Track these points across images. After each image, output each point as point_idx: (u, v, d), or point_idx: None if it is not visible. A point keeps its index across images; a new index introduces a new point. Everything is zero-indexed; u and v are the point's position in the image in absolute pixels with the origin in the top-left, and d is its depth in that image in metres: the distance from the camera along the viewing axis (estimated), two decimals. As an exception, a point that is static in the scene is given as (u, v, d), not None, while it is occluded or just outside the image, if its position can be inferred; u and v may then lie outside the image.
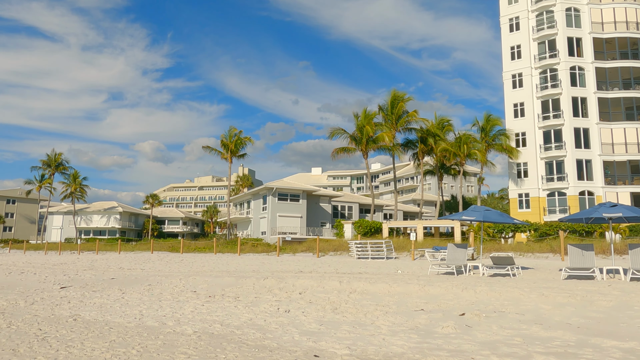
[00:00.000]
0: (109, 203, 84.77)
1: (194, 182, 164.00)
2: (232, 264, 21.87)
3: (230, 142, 56.05)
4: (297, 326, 7.73)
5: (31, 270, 19.18)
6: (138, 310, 9.51)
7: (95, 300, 11.07)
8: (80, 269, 20.18)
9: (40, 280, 15.85)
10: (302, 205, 55.91)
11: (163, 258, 27.07)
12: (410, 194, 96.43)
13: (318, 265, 20.77)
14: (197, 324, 7.98)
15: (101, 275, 16.44)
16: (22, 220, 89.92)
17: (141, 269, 19.40)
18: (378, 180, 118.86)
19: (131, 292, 12.17)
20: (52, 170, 74.68)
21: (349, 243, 26.67)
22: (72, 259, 28.88)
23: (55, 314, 9.40)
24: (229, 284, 12.18)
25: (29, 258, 31.47)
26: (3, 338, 7.11)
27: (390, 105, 47.78)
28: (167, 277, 14.49)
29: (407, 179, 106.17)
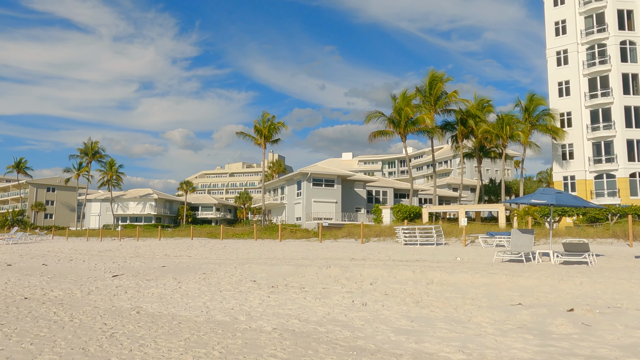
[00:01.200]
0: (145, 190, 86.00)
1: (224, 169, 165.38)
2: (276, 251, 21.28)
3: (264, 127, 55.49)
4: (384, 322, 6.91)
5: (79, 258, 19.04)
6: (202, 302, 8.89)
7: (152, 290, 10.54)
8: (126, 256, 19.97)
9: (90, 268, 15.57)
10: (336, 190, 55.10)
11: (205, 244, 26.76)
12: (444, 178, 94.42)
13: (367, 251, 19.95)
14: (272, 319, 7.26)
15: (150, 263, 16.07)
16: (61, 208, 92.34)
17: (187, 256, 19.01)
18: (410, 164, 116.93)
19: (187, 281, 11.62)
20: (89, 158, 75.99)
21: (395, 228, 25.74)
22: (114, 245, 28.94)
23: (116, 305, 8.87)
24: (290, 273, 11.50)
25: (72, 245, 31.79)
26: (69, 334, 6.55)
27: (429, 86, 46.11)
28: (219, 265, 13.94)
29: (441, 163, 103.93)
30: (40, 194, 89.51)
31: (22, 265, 17.27)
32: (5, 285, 12.18)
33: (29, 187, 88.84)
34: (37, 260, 18.70)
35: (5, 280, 12.99)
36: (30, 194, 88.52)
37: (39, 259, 19.18)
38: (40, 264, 17.16)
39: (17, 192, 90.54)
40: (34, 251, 24.58)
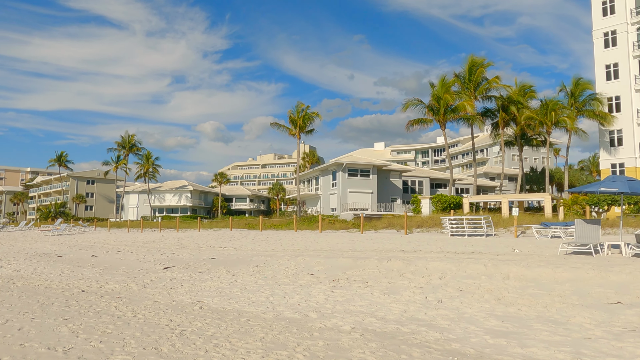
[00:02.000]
0: (180, 182, 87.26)
1: (256, 160, 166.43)
2: (320, 242, 20.85)
3: (298, 117, 55.05)
4: (471, 322, 6.31)
5: (126, 249, 19.11)
6: (264, 297, 8.48)
7: (208, 283, 10.22)
8: (171, 247, 19.94)
9: (140, 259, 15.50)
10: (372, 180, 54.30)
11: (246, 236, 26.61)
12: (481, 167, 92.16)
13: (414, 243, 19.27)
14: (346, 317, 6.76)
15: (198, 255, 15.89)
16: (101, 200, 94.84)
17: (233, 247, 18.80)
18: (444, 154, 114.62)
19: (241, 274, 11.28)
20: (127, 151, 77.44)
21: (442, 219, 24.88)
22: (157, 236, 29.16)
23: (176, 300, 8.56)
24: (348, 266, 11.01)
25: (115, 236, 32.27)
26: (136, 331, 6.22)
27: (468, 72, 44.55)
28: (270, 258, 13.59)
29: (477, 152, 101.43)
30: (81, 187, 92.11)
31: (72, 256, 17.40)
32: (60, 277, 12.14)
33: (70, 180, 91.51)
34: (85, 252, 18.85)
35: (59, 272, 12.98)
36: (72, 187, 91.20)
37: (87, 251, 19.34)
38: (90, 256, 17.24)
39: (59, 185, 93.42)
40: (80, 242, 24.95)
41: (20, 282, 11.26)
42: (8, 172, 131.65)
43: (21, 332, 6.40)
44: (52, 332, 6.33)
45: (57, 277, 12.17)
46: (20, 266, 14.71)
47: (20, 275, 12.60)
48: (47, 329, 6.50)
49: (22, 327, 6.63)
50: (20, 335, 6.23)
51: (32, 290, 10.06)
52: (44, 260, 16.36)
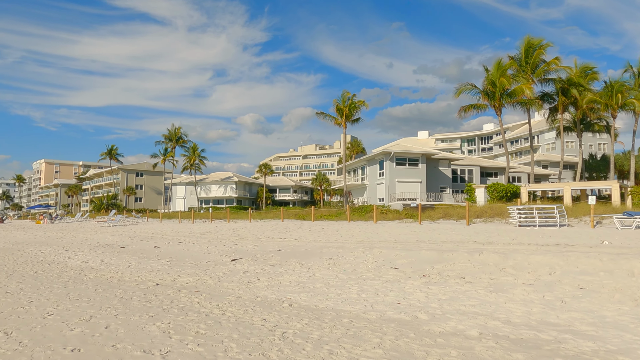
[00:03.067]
0: (225, 173, 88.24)
1: (297, 151, 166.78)
2: (381, 233, 19.99)
3: (344, 106, 54.03)
4: (620, 328, 5.36)
5: (186, 240, 18.92)
6: (355, 294, 7.76)
7: (285, 277, 9.60)
8: (230, 238, 19.62)
9: (203, 250, 15.16)
10: (421, 169, 52.81)
11: (300, 226, 26.08)
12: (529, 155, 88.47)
13: (483, 233, 18.09)
14: (463, 320, 5.93)
15: (262, 246, 15.40)
16: (149, 192, 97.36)
17: (293, 238, 18.26)
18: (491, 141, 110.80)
19: (316, 267, 10.62)
20: (173, 144, 78.77)
21: (509, 209, 23.48)
22: (210, 227, 29.11)
23: (259, 295, 7.96)
24: (434, 260, 10.15)
25: (170, 227, 32.55)
26: (233, 332, 5.62)
27: (524, 55, 42.17)
28: (341, 249, 12.90)
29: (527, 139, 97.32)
30: (130, 179, 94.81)
31: (135, 247, 17.32)
32: (129, 269, 11.88)
33: (120, 173, 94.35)
34: (147, 243, 18.78)
35: (127, 264, 12.75)
36: (122, 179, 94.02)
37: (148, 242, 19.29)
38: (152, 247, 17.11)
39: (110, 178, 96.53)
40: (138, 233, 25.14)
41: (92, 274, 11.04)
42: (62, 166, 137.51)
43: (109, 330, 5.94)
44: (142, 332, 5.83)
45: (127, 268, 11.91)
46: (87, 257, 14.66)
47: (89, 267, 12.45)
48: (136, 328, 6.01)
49: (109, 325, 6.18)
50: (108, 334, 5.76)
51: (106, 283, 9.76)
52: (108, 251, 16.32)
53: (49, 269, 12.15)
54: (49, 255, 15.47)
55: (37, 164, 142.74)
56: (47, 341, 5.62)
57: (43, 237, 24.92)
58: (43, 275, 11.15)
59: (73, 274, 11.27)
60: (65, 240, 22.37)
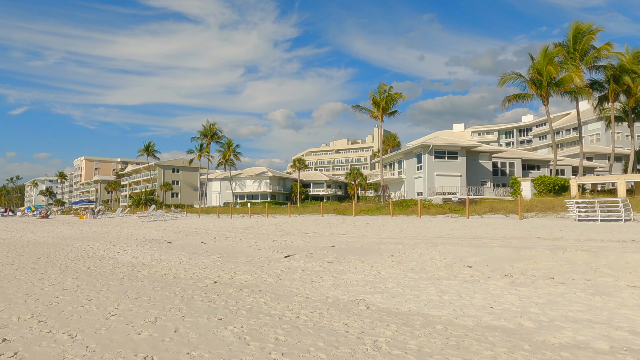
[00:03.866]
0: (260, 169, 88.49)
1: (329, 146, 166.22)
2: (432, 228, 19.15)
3: (380, 99, 52.96)
4: None
5: (232, 235, 18.58)
6: (435, 296, 7.06)
7: (349, 275, 8.98)
8: (275, 233, 19.18)
9: (252, 246, 14.72)
10: (461, 162, 51.30)
11: (342, 221, 25.44)
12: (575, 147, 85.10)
13: (543, 229, 16.99)
14: (579, 329, 5.16)
15: (312, 242, 14.85)
16: (185, 187, 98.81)
17: (341, 233, 17.66)
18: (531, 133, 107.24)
19: (379, 264, 9.96)
20: (209, 140, 79.44)
21: (567, 202, 22.17)
22: (251, 222, 28.85)
23: (328, 295, 7.36)
24: (511, 257, 9.33)
25: (210, 221, 32.52)
26: (318, 340, 5.02)
27: (572, 41, 40.11)
28: (401, 246, 12.22)
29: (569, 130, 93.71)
30: (167, 175, 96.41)
31: (182, 243, 17.08)
32: (181, 265, 11.52)
33: (157, 169, 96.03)
34: (192, 238, 18.55)
35: (178, 260, 12.41)
36: (159, 175, 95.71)
37: (194, 237, 19.06)
38: (199, 242, 16.82)
39: (148, 174, 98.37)
40: (182, 228, 25.08)
41: (145, 271, 10.72)
42: (101, 162, 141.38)
43: (179, 335, 5.45)
44: (215, 337, 5.31)
45: (179, 265, 11.56)
46: (135, 253, 14.45)
47: (140, 263, 12.17)
48: (207, 332, 5.50)
49: (177, 329, 5.70)
50: (180, 340, 5.26)
51: (161, 281, 9.38)
52: (156, 246, 16.11)
53: (100, 265, 11.94)
54: (98, 251, 15.37)
55: (78, 161, 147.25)
56: (116, 346, 5.17)
57: (89, 232, 25.17)
58: (96, 271, 10.90)
59: (126, 270, 10.98)
60: (110, 235, 22.45)
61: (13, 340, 5.64)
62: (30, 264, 12.47)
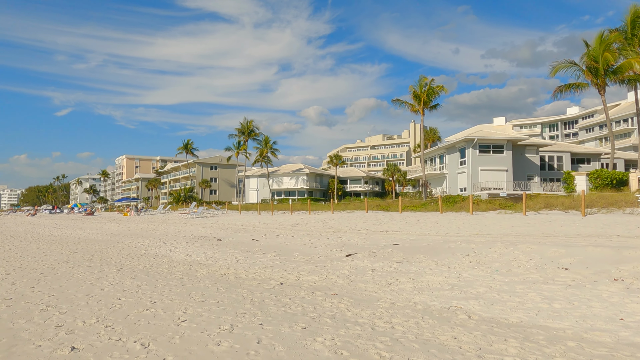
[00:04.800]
0: (296, 165, 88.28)
1: (364, 142, 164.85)
2: (490, 225, 18.01)
3: (421, 92, 51.49)
4: None
5: (283, 233, 18.03)
6: (544, 303, 6.17)
7: (428, 277, 8.16)
8: (327, 230, 18.50)
9: (306, 244, 14.09)
10: (507, 157, 49.34)
11: (391, 218, 24.51)
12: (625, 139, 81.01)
13: (615, 226, 15.62)
14: None
15: (371, 240, 14.09)
16: (223, 184, 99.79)
17: (397, 231, 16.82)
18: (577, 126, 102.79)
19: (455, 264, 9.11)
20: (246, 137, 79.71)
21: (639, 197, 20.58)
22: (295, 219, 28.32)
23: (417, 301, 6.59)
24: (612, 259, 8.29)
25: (252, 218, 32.21)
26: (429, 357, 4.25)
27: (630, 26, 37.65)
28: (473, 244, 11.31)
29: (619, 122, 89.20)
30: (205, 172, 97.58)
31: (232, 240, 16.64)
32: (239, 264, 10.99)
33: (195, 166, 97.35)
34: (242, 235, 18.11)
35: (233, 259, 11.89)
36: (197, 172, 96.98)
37: (243, 234, 18.63)
38: (250, 239, 16.33)
39: (186, 171, 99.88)
40: (227, 225, 24.78)
41: (203, 270, 10.22)
42: (142, 161, 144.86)
43: (264, 347, 4.79)
44: (306, 351, 4.63)
45: (235, 264, 11.03)
46: (187, 250, 14.07)
47: (196, 261, 11.72)
48: (295, 344, 4.83)
49: (260, 339, 5.05)
50: (267, 353, 4.60)
51: (223, 281, 8.83)
52: (206, 244, 15.72)
53: (156, 264, 11.55)
54: (150, 248, 15.09)
55: (120, 159, 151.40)
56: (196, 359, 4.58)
57: (135, 229, 25.23)
58: (153, 270, 10.49)
59: (183, 269, 10.53)
60: (158, 232, 22.35)
61: (82, 348, 5.14)
62: (85, 262, 12.24)
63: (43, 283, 9.29)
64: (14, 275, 10.45)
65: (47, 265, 11.90)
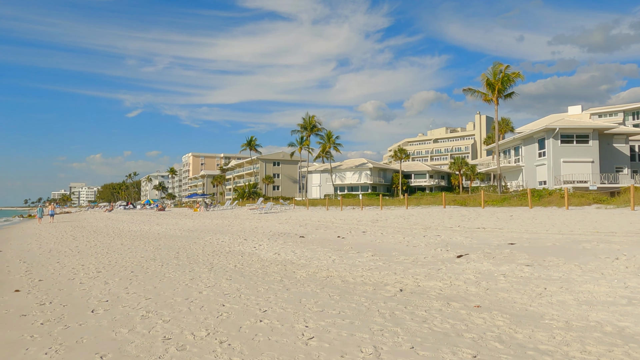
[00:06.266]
0: (359, 160, 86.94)
1: (427, 136, 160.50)
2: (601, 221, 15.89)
3: (495, 80, 48.47)
4: None
5: (369, 230, 16.88)
6: None
7: (585, 288, 6.70)
8: (414, 226, 17.15)
9: (400, 242, 12.85)
10: (592, 147, 45.44)
11: (478, 214, 22.66)
12: None
13: None
14: None
15: (478, 238, 12.63)
16: (285, 180, 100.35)
17: (497, 228, 15.20)
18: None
19: (611, 272, 7.54)
20: (308, 132, 79.35)
21: None
22: (371, 214, 27.08)
23: (598, 320, 5.19)
24: None
25: (324, 213, 31.36)
26: None
27: None
28: (612, 244, 9.64)
29: None
30: (269, 168, 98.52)
31: (315, 237, 15.72)
32: (336, 265, 9.95)
33: (259, 163, 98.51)
34: (324, 232, 17.16)
35: (329, 259, 10.88)
36: (260, 169, 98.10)
37: (324, 231, 17.69)
38: (334, 237, 15.33)
39: (250, 168, 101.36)
40: (302, 221, 24.01)
41: (301, 271, 9.27)
42: (207, 158, 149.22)
43: (437, 384, 3.65)
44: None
45: (332, 264, 10.01)
46: (273, 247, 13.26)
47: (287, 260, 10.83)
48: (478, 382, 3.64)
49: (424, 371, 3.92)
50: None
51: (330, 285, 7.80)
52: (290, 240, 14.88)
53: (246, 262, 10.78)
54: (233, 245, 14.46)
55: (186, 157, 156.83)
56: (353, 399, 3.51)
57: (211, 225, 25.06)
58: (246, 270, 9.69)
59: (277, 269, 9.65)
60: (234, 228, 21.94)
61: (204, 373, 4.26)
62: (172, 260, 11.72)
63: (136, 283, 8.71)
64: (105, 273, 10.04)
65: (135, 262, 11.47)
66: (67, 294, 8.04)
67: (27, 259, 13.41)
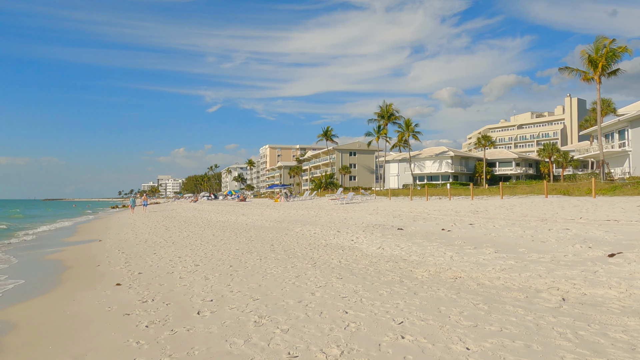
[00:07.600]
0: (439, 148, 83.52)
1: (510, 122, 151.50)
2: None
3: (598, 56, 43.67)
4: None
5: (476, 222, 15.23)
6: None
7: None
8: (522, 218, 15.23)
9: (522, 236, 11.19)
10: None
11: (596, 205, 20.00)
12: None
13: None
14: None
15: (622, 232, 10.68)
16: (362, 170, 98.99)
17: (635, 221, 13.01)
18: None
19: None
20: (385, 121, 77.26)
21: None
22: (464, 205, 25.07)
23: None
24: None
25: (409, 203, 29.74)
26: None
27: None
28: None
29: None
30: (345, 158, 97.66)
31: (414, 229, 14.40)
32: (457, 263, 8.62)
33: (335, 153, 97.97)
34: (423, 224, 15.76)
35: (446, 256, 9.55)
36: (337, 159, 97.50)
37: (424, 222, 16.29)
38: (437, 229, 13.93)
39: (326, 158, 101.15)
40: (392, 211, 22.68)
41: (420, 270, 8.05)
42: (283, 149, 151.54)
43: None
44: None
45: (450, 261, 8.68)
46: (372, 240, 12.14)
47: (396, 256, 9.65)
48: None
49: None
50: None
51: (464, 289, 6.51)
52: (388, 233, 13.69)
53: (350, 257, 9.75)
54: (327, 238, 13.54)
55: (263, 149, 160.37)
56: None
57: (296, 215, 24.50)
58: (353, 266, 8.65)
59: (389, 267, 8.51)
60: (321, 219, 21.14)
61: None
62: (268, 253, 10.99)
63: (238, 280, 7.97)
64: (203, 267, 9.46)
65: (232, 255, 10.87)
66: (169, 290, 7.46)
67: (125, 249, 13.39)
